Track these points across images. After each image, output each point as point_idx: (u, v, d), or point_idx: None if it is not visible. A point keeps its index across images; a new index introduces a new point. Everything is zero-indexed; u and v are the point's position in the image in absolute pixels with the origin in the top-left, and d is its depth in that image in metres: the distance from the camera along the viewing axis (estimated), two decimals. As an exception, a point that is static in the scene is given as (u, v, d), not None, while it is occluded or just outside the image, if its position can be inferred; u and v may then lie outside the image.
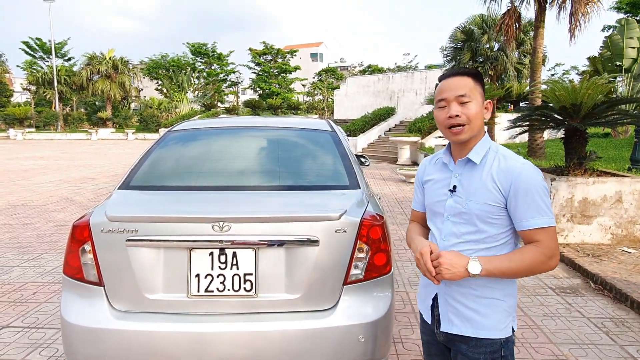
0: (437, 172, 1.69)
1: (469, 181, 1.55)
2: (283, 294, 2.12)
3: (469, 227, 1.54)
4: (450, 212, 1.58)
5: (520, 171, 1.46)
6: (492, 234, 1.52)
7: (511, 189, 1.46)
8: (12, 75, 48.59)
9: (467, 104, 1.51)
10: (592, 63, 20.35)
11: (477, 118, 1.52)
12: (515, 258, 1.46)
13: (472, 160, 1.55)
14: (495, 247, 1.53)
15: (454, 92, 1.52)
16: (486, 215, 1.50)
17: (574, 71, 41.61)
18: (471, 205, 1.52)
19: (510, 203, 1.48)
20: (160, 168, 2.76)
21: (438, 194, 1.64)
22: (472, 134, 1.53)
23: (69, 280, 2.19)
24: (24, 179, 11.56)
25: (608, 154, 11.89)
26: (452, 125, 1.52)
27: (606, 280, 4.18)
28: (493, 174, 1.50)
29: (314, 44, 79.89)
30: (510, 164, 1.49)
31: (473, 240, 1.54)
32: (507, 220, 1.51)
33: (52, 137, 33.27)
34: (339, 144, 2.98)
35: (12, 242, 5.72)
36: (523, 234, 1.50)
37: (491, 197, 1.49)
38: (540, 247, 1.45)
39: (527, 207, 1.45)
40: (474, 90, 1.53)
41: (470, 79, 1.54)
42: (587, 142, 5.67)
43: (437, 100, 1.59)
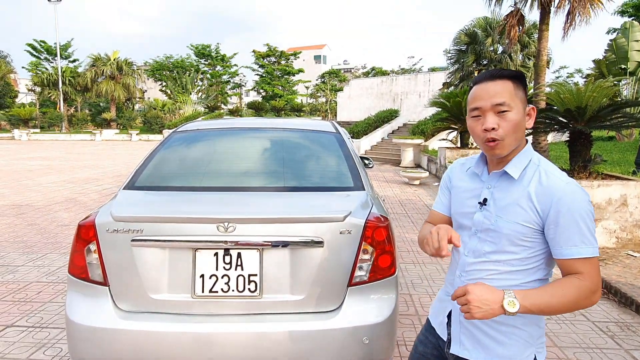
0: (466, 179, 1.52)
1: (502, 196, 1.37)
2: (287, 295, 2.12)
3: (494, 246, 1.37)
4: (479, 227, 1.41)
5: (564, 191, 1.27)
6: (520, 257, 1.35)
7: (551, 211, 1.28)
8: (17, 76, 48.85)
9: (506, 114, 1.31)
10: (597, 66, 20.31)
11: (517, 130, 1.33)
12: (557, 293, 1.26)
13: (509, 174, 1.37)
14: (522, 271, 1.36)
15: (491, 100, 1.32)
16: (516, 236, 1.33)
17: (579, 74, 41.61)
18: (500, 223, 1.35)
19: (549, 227, 1.29)
20: (165, 168, 2.77)
21: (466, 204, 1.48)
22: (511, 148, 1.35)
23: (74, 279, 2.20)
24: (28, 179, 11.61)
25: (613, 157, 11.86)
26: (489, 139, 1.33)
27: (611, 284, 4.16)
28: (531, 192, 1.31)
29: (318, 46, 79.98)
30: (553, 182, 1.30)
31: (497, 261, 1.38)
32: (542, 245, 1.33)
33: (56, 137, 33.42)
34: (344, 145, 2.98)
35: (17, 242, 5.74)
36: (562, 263, 1.31)
37: (525, 216, 1.31)
38: (584, 280, 1.27)
39: (570, 234, 1.26)
40: (514, 97, 1.32)
41: (510, 82, 1.33)
42: (591, 145, 5.65)
43: (470, 109, 1.39)
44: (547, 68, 13.85)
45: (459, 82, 19.52)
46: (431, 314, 1.65)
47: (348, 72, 66.08)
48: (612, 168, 8.24)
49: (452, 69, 20.68)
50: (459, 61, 19.67)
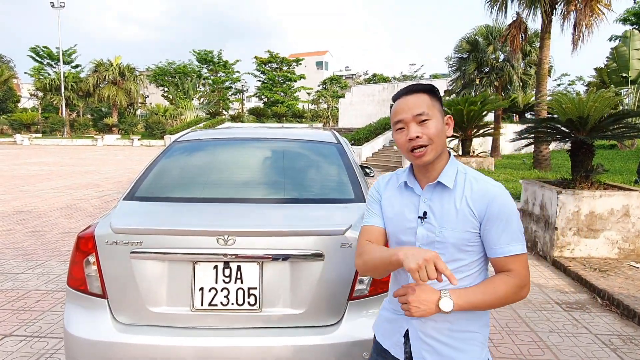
0: (397, 197, 1.54)
1: (441, 207, 1.42)
2: (287, 309, 2.10)
3: (445, 256, 1.40)
4: (423, 241, 1.44)
5: (495, 194, 1.38)
6: (467, 262, 1.42)
7: (486, 213, 1.37)
8: (20, 81, 49.14)
9: (427, 123, 1.40)
10: (598, 74, 20.36)
11: (439, 136, 1.41)
12: (488, 290, 1.36)
13: (443, 184, 1.43)
14: (470, 275, 1.43)
15: (411, 111, 1.41)
16: (462, 243, 1.40)
17: (580, 82, 41.68)
18: (446, 233, 1.40)
19: (484, 228, 1.38)
20: (165, 179, 2.76)
21: (405, 220, 1.48)
22: (436, 154, 1.42)
23: (72, 291, 2.18)
24: (29, 185, 11.61)
25: (614, 166, 11.84)
26: (414, 147, 1.41)
27: (613, 295, 4.13)
28: (467, 198, 1.39)
29: (319, 53, 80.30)
30: (483, 186, 1.40)
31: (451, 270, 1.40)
32: (481, 247, 1.43)
33: (58, 142, 33.51)
34: (344, 156, 2.97)
35: (17, 249, 5.73)
36: (495, 261, 1.40)
37: (468, 223, 1.39)
38: (513, 277, 1.37)
39: (502, 233, 1.37)
40: (432, 107, 1.42)
41: (426, 95, 1.43)
42: (593, 155, 5.63)
43: (394, 122, 1.47)
44: (548, 76, 13.87)
45: (460, 90, 19.54)
46: (380, 336, 1.61)
47: (349, 78, 66.30)
48: (614, 177, 8.23)
49: (453, 77, 20.71)
50: (460, 69, 19.69)
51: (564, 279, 4.89)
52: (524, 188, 6.41)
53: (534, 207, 5.99)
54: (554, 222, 5.36)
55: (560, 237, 5.35)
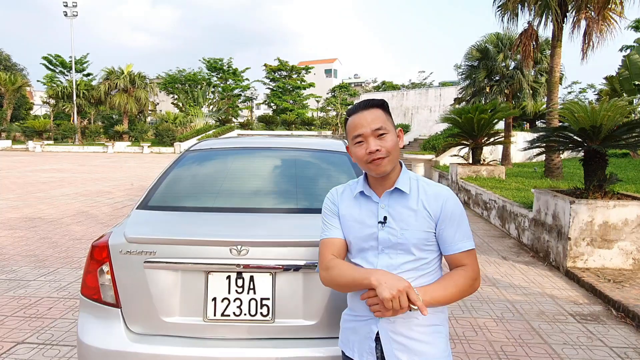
0: (354, 206, 1.62)
1: (399, 211, 1.53)
2: (300, 320, 2.09)
3: (407, 256, 1.52)
4: (385, 244, 1.53)
5: (446, 196, 1.52)
6: (428, 260, 1.54)
7: (440, 214, 1.51)
8: (33, 89, 49.87)
9: (385, 136, 1.51)
10: (609, 82, 20.18)
11: (395, 149, 1.53)
12: (449, 285, 1.48)
13: (400, 190, 1.55)
14: (430, 272, 1.54)
15: (370, 126, 1.51)
16: (422, 243, 1.51)
17: (591, 89, 41.32)
18: (407, 234, 1.51)
19: (439, 227, 1.52)
20: (178, 188, 2.77)
21: (366, 226, 1.56)
22: (393, 164, 1.54)
23: (86, 300, 2.19)
24: (41, 192, 11.74)
25: (627, 174, 11.70)
26: (374, 159, 1.50)
27: (628, 307, 4.06)
28: (423, 201, 1.52)
29: (329, 60, 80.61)
30: (435, 190, 1.55)
31: (412, 269, 1.52)
32: (437, 246, 1.55)
33: (69, 149, 33.90)
34: (355, 166, 2.96)
35: (29, 256, 5.78)
36: (450, 257, 1.54)
37: (425, 224, 1.51)
38: (468, 270, 1.50)
39: (456, 231, 1.51)
40: (387, 122, 1.53)
41: (380, 110, 1.54)
42: (607, 165, 5.57)
43: (353, 137, 1.55)
44: (559, 84, 13.78)
45: (470, 98, 19.47)
46: (349, 350, 1.64)
47: (359, 86, 66.43)
48: (627, 187, 8.13)
49: (463, 85, 20.65)
50: (470, 77, 19.64)
51: (578, 290, 4.83)
52: (536, 197, 6.35)
53: (547, 217, 5.93)
54: (567, 232, 5.29)
55: (574, 248, 5.28)
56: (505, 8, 13.17)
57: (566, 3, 12.09)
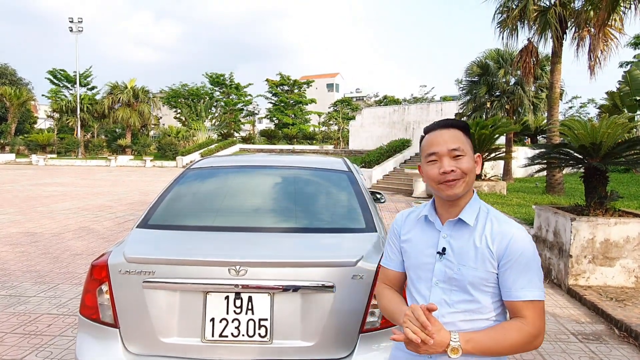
0: (417, 230, 1.54)
1: (461, 244, 1.41)
2: (298, 341, 2.08)
3: (463, 295, 1.40)
4: (440, 277, 1.43)
5: (515, 237, 1.36)
6: (486, 303, 1.40)
7: (504, 255, 1.35)
8: (37, 103, 50.29)
9: (461, 158, 1.41)
10: (610, 97, 20.24)
11: (471, 173, 1.43)
12: (498, 337, 1.32)
13: (463, 221, 1.42)
14: (489, 318, 1.40)
15: (446, 145, 1.42)
16: (480, 283, 1.38)
17: (592, 104, 41.40)
18: (464, 271, 1.39)
19: (501, 269, 1.37)
20: (178, 207, 2.79)
21: (423, 255, 1.48)
22: (465, 189, 1.43)
23: (84, 320, 2.19)
24: (43, 206, 11.77)
25: (629, 190, 11.68)
26: (447, 180, 1.40)
27: (631, 327, 4.03)
28: (487, 238, 1.38)
29: (330, 75, 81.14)
30: (505, 228, 1.39)
31: (468, 311, 1.40)
32: (499, 289, 1.41)
33: (72, 163, 34.02)
34: (355, 184, 2.98)
35: (30, 271, 5.78)
36: (510, 305, 1.37)
37: (487, 263, 1.37)
38: (526, 325, 1.32)
39: (518, 276, 1.34)
40: (465, 144, 1.44)
41: (460, 132, 1.46)
42: (607, 182, 5.57)
43: (426, 154, 1.46)
44: (560, 100, 13.84)
45: (471, 113, 19.55)
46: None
47: (360, 100, 66.74)
48: (629, 203, 8.11)
49: (464, 100, 20.75)
50: (471, 92, 19.73)
51: (580, 308, 4.79)
52: (537, 214, 6.34)
53: (548, 234, 5.91)
54: (569, 250, 5.28)
55: (575, 265, 5.26)
56: (504, 25, 13.31)
57: (566, 20, 12.21)
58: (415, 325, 1.28)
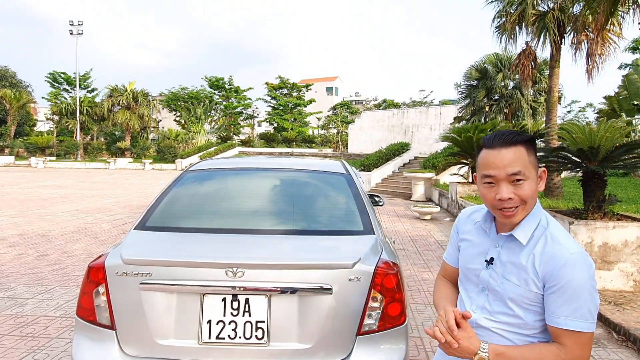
0: (474, 233, 1.50)
1: (509, 257, 1.35)
2: (295, 343, 2.08)
3: (503, 307, 1.35)
4: (484, 285, 1.40)
5: (566, 261, 1.24)
6: (529, 321, 1.32)
7: (551, 278, 1.26)
8: (37, 105, 50.27)
9: (522, 184, 1.28)
10: (609, 102, 20.29)
11: (532, 198, 1.31)
12: (531, 356, 1.27)
13: (516, 238, 1.35)
14: (532, 335, 1.34)
15: (505, 169, 1.28)
16: (521, 300, 1.31)
17: (590, 108, 41.46)
18: (507, 285, 1.33)
19: (546, 292, 1.28)
20: (175, 209, 2.79)
21: (474, 260, 1.46)
22: (525, 214, 1.33)
23: (81, 322, 2.19)
24: (42, 208, 11.75)
25: (628, 194, 11.68)
26: (504, 208, 1.31)
27: (630, 331, 4.02)
28: (535, 256, 1.30)
29: (330, 78, 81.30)
30: (558, 249, 1.27)
31: (508, 324, 1.35)
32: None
33: (71, 165, 34.01)
34: (353, 187, 2.98)
35: (28, 274, 5.76)
36: (551, 329, 1.29)
37: (529, 282, 1.30)
38: (563, 353, 1.25)
39: (563, 303, 1.24)
40: (528, 165, 1.29)
41: (523, 148, 1.30)
42: (606, 185, 5.58)
43: (482, 175, 1.34)
44: (558, 104, 13.87)
45: (470, 117, 19.60)
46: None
47: (359, 103, 66.79)
48: (627, 207, 8.10)
49: (463, 104, 20.82)
50: (470, 96, 19.81)
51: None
52: (535, 217, 6.33)
53: (546, 237, 5.90)
54: (567, 253, 5.26)
55: (573, 269, 5.24)
56: (503, 29, 13.35)
57: (564, 24, 12.25)
58: (444, 327, 1.29)
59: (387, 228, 9.94)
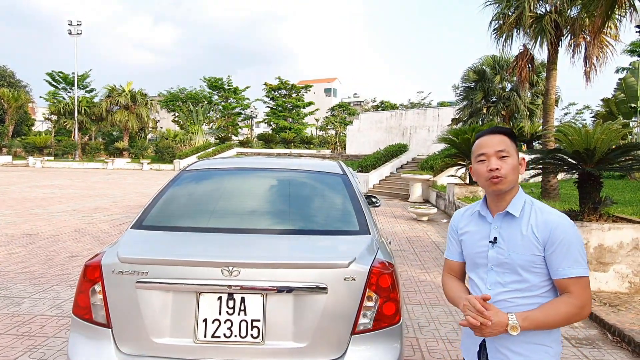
0: (472, 224, 1.79)
1: (509, 233, 1.65)
2: (290, 342, 2.09)
3: (514, 276, 1.63)
4: (494, 262, 1.67)
5: (557, 223, 1.58)
6: (535, 282, 1.61)
7: (549, 240, 1.57)
8: (35, 105, 50.19)
9: (506, 159, 1.64)
10: (606, 104, 20.38)
11: (514, 171, 1.65)
12: (551, 312, 1.55)
13: (511, 214, 1.66)
14: (539, 295, 1.61)
15: (494, 147, 1.66)
16: (529, 265, 1.60)
17: (588, 111, 41.64)
18: (514, 256, 1.62)
19: (547, 252, 1.58)
20: (172, 208, 2.80)
21: (478, 245, 1.73)
22: (510, 185, 1.65)
23: (77, 320, 2.20)
24: (39, 208, 11.74)
25: (624, 196, 11.72)
26: (493, 177, 1.63)
27: (624, 332, 4.05)
28: (532, 226, 1.60)
29: (328, 80, 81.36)
30: (547, 216, 1.61)
31: (518, 289, 1.62)
32: (547, 269, 1.61)
33: (69, 165, 33.95)
34: (349, 187, 3.00)
35: (24, 273, 5.76)
36: (558, 282, 1.59)
37: (532, 248, 1.59)
38: (573, 299, 1.54)
39: (563, 257, 1.56)
40: (511, 147, 1.67)
41: (507, 137, 1.69)
42: (601, 187, 5.61)
43: (476, 155, 1.72)
44: (555, 106, 13.92)
45: (467, 118, 19.64)
46: (464, 350, 1.84)
47: (358, 105, 66.86)
48: (623, 209, 8.14)
49: (461, 105, 20.87)
50: (467, 98, 19.85)
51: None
52: (531, 219, 6.36)
53: (542, 239, 5.93)
54: (562, 255, 5.29)
55: (569, 270, 5.27)
56: (501, 31, 13.40)
57: (561, 27, 12.31)
58: (474, 312, 1.54)
59: (384, 229, 9.96)
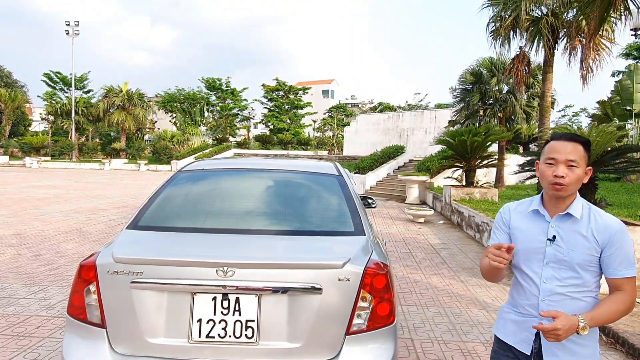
0: (525, 221, 1.88)
1: (568, 233, 1.76)
2: (284, 342, 2.10)
3: (571, 272, 1.75)
4: (551, 258, 1.77)
5: (616, 228, 1.72)
6: (588, 279, 1.75)
7: (609, 243, 1.71)
8: (32, 105, 50.03)
9: (574, 169, 1.72)
10: (602, 107, 20.46)
11: (578, 182, 1.74)
12: (611, 309, 1.70)
13: (572, 215, 1.76)
14: (591, 289, 1.76)
15: (566, 155, 1.72)
16: (585, 264, 1.73)
17: (584, 113, 41.78)
18: (573, 254, 1.73)
19: (604, 254, 1.72)
20: (168, 209, 2.81)
21: (535, 241, 1.82)
22: (569, 193, 1.75)
23: (72, 320, 2.20)
24: (36, 208, 11.71)
25: (620, 199, 11.78)
26: (556, 183, 1.72)
27: (618, 333, 4.07)
28: (593, 229, 1.73)
29: (326, 81, 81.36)
30: (607, 220, 1.74)
31: (574, 285, 1.75)
32: (599, 268, 1.75)
33: (66, 166, 33.87)
34: (345, 188, 3.01)
35: (20, 273, 5.75)
36: (613, 281, 1.74)
37: (592, 248, 1.72)
38: (627, 295, 1.72)
39: (621, 260, 1.70)
40: (582, 158, 1.73)
41: (582, 147, 1.75)
42: (596, 189, 5.65)
43: (546, 157, 1.78)
44: (552, 108, 13.97)
45: (464, 120, 19.68)
46: (505, 335, 1.94)
47: (355, 106, 66.92)
48: (619, 211, 8.18)
49: (458, 107, 20.89)
50: (464, 100, 19.88)
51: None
52: (527, 220, 6.38)
53: (537, 240, 5.95)
54: (557, 256, 5.32)
55: (564, 271, 5.29)
56: (497, 33, 13.45)
57: (557, 30, 12.37)
58: (495, 254, 1.71)
59: (381, 230, 9.98)
